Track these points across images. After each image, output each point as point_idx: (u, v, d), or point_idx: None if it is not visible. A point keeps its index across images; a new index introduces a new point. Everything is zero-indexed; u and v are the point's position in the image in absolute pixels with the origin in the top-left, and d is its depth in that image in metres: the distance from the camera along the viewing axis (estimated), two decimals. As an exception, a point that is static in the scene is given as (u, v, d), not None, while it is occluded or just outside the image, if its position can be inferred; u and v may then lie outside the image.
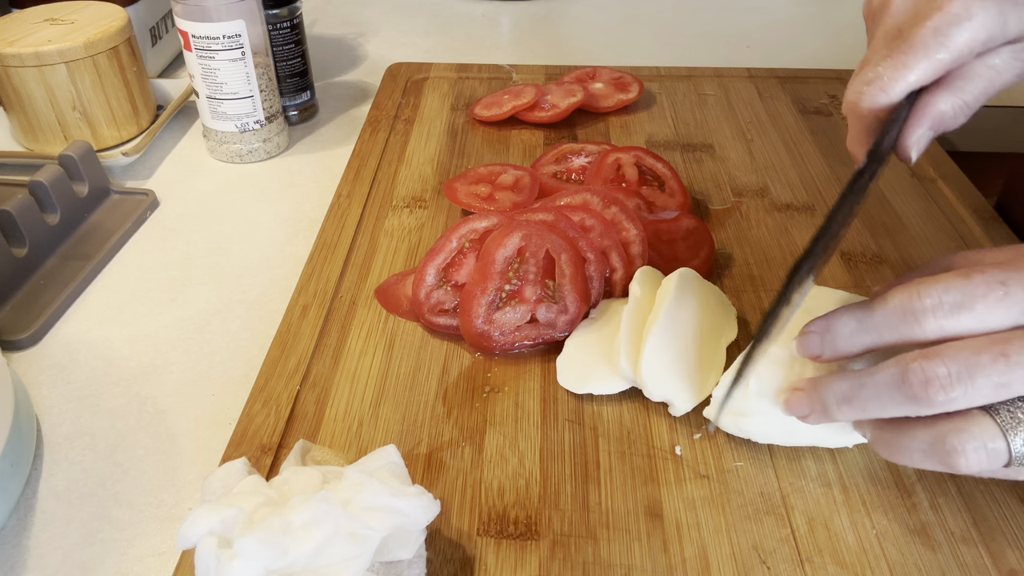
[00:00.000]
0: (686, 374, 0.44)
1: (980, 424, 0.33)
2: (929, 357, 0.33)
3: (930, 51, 0.38)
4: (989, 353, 0.32)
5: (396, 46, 0.92)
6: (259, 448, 0.43)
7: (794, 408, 0.38)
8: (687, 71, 0.80)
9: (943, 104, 0.40)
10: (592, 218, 0.51)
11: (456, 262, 0.51)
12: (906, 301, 0.34)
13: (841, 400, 0.36)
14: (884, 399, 0.34)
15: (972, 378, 0.32)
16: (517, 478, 0.41)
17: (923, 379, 0.33)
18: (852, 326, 0.36)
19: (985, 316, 0.33)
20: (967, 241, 0.57)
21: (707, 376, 0.45)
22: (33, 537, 0.41)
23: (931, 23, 0.38)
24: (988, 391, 0.32)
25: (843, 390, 0.36)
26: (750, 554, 0.38)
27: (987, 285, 0.33)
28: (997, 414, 0.33)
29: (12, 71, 0.63)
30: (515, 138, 0.70)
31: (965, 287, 0.33)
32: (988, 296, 0.33)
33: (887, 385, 0.34)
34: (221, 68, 0.65)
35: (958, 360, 0.32)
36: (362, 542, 0.32)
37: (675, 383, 0.43)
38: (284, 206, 0.65)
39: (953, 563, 0.37)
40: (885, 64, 0.39)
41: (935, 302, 0.34)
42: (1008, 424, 0.32)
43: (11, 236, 0.55)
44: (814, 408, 0.37)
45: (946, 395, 0.32)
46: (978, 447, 0.33)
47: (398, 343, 0.49)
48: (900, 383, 0.33)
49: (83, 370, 0.50)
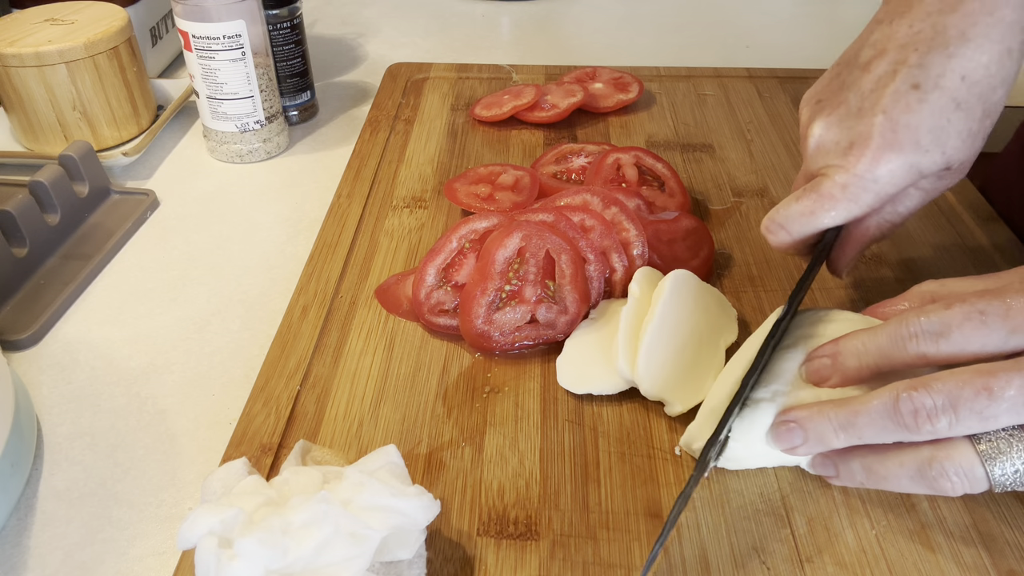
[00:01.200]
0: (681, 374, 0.44)
1: (961, 452, 0.34)
2: (917, 388, 0.34)
3: (838, 205, 0.41)
4: (972, 387, 0.33)
5: (396, 46, 0.92)
6: (259, 448, 0.43)
7: (785, 440, 0.38)
8: (687, 71, 0.80)
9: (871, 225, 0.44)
10: (592, 218, 0.51)
11: (456, 262, 0.51)
12: (894, 329, 0.36)
13: (839, 427, 0.36)
14: (878, 426, 0.35)
15: (956, 410, 0.33)
16: (517, 478, 0.41)
17: (911, 408, 0.34)
18: (859, 349, 0.37)
19: (962, 343, 0.35)
20: (967, 241, 0.57)
21: (703, 376, 0.45)
22: (33, 537, 0.41)
23: (840, 179, 0.40)
24: (973, 423, 0.33)
25: (839, 418, 0.36)
26: (750, 554, 0.38)
27: (964, 315, 0.35)
28: (979, 442, 0.34)
29: (12, 71, 0.63)
30: (515, 138, 0.70)
31: (943, 316, 0.35)
32: (964, 325, 0.34)
33: (880, 413, 0.35)
34: (221, 68, 0.65)
35: (943, 392, 0.34)
36: (362, 542, 0.32)
37: (670, 382, 0.43)
38: (284, 206, 0.65)
39: (953, 563, 0.37)
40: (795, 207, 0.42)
41: (916, 330, 0.35)
42: (988, 453, 0.34)
43: (11, 236, 0.55)
44: (808, 438, 0.37)
45: (932, 425, 0.34)
46: (959, 473, 0.34)
47: (398, 343, 0.49)
48: (892, 411, 0.35)
49: (83, 370, 0.50)
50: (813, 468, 0.40)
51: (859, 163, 0.39)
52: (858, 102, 0.40)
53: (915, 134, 0.39)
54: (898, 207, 0.43)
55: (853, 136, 0.40)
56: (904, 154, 0.39)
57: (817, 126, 0.42)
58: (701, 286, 0.49)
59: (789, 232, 0.42)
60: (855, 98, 0.41)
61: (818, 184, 0.41)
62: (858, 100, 0.40)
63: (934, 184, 0.43)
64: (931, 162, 0.39)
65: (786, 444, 0.38)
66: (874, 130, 0.39)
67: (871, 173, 0.39)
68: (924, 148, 0.39)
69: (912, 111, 0.39)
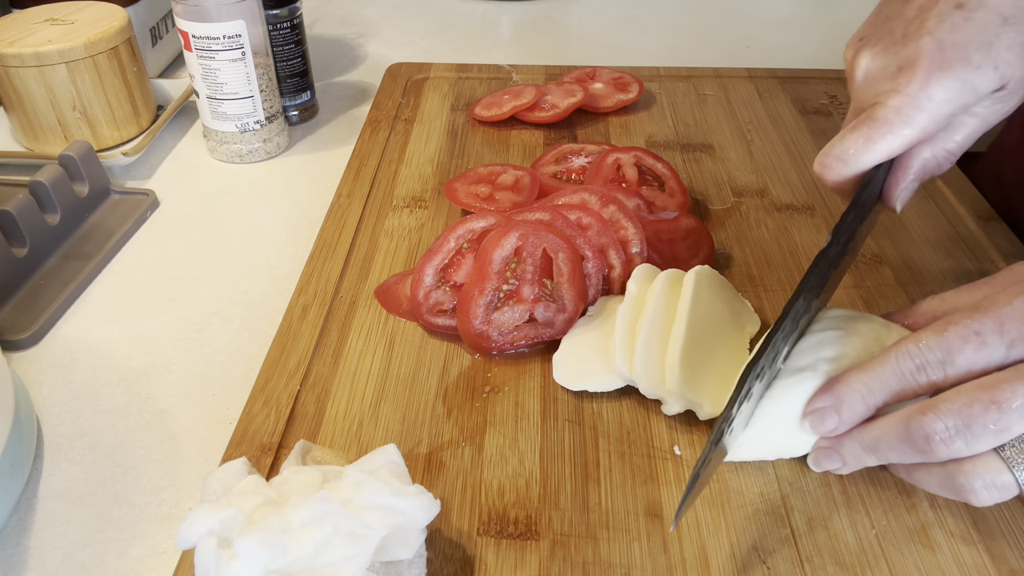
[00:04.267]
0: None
1: (986, 462, 0.34)
2: (926, 412, 0.35)
3: (895, 128, 0.39)
4: (980, 403, 0.33)
5: (396, 46, 0.92)
6: (259, 448, 0.43)
7: (825, 464, 0.39)
8: (687, 71, 0.80)
9: (927, 154, 0.42)
10: (589, 216, 0.51)
11: (454, 262, 0.51)
12: (898, 364, 0.37)
13: (867, 450, 0.37)
14: (899, 451, 0.36)
15: (969, 428, 0.34)
16: (517, 478, 0.41)
17: (924, 435, 0.34)
18: (862, 392, 0.38)
19: (967, 365, 0.35)
20: (967, 241, 0.57)
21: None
22: (33, 537, 0.41)
23: (893, 103, 0.39)
24: (989, 438, 0.34)
25: (864, 442, 0.37)
26: (750, 554, 0.38)
27: (962, 339, 0.35)
28: (1003, 450, 0.34)
29: (12, 71, 0.63)
30: (515, 138, 0.70)
31: (942, 344, 0.35)
32: (964, 349, 0.35)
33: (897, 439, 0.36)
34: (221, 68, 0.65)
35: (952, 413, 0.34)
36: (362, 541, 0.32)
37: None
38: (284, 206, 0.65)
39: (953, 563, 0.37)
40: (850, 139, 0.41)
41: (921, 362, 0.36)
42: (1014, 459, 0.34)
43: (11, 236, 0.55)
44: (846, 461, 0.38)
45: (948, 448, 0.34)
46: (987, 484, 0.34)
47: (398, 343, 0.49)
48: (906, 438, 0.35)
49: (83, 370, 0.50)
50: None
51: (911, 84, 0.38)
52: (902, 29, 0.40)
53: (964, 51, 0.38)
54: (954, 135, 0.42)
55: (901, 60, 0.39)
56: (955, 72, 0.38)
57: (863, 58, 0.41)
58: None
59: (846, 163, 0.41)
60: (899, 26, 0.40)
61: (872, 112, 0.40)
62: (902, 27, 0.40)
63: (990, 108, 0.41)
64: (984, 80, 0.38)
65: (828, 467, 0.39)
66: (922, 51, 0.38)
67: (924, 92, 0.38)
68: (975, 64, 0.38)
69: (958, 30, 0.38)
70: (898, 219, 0.59)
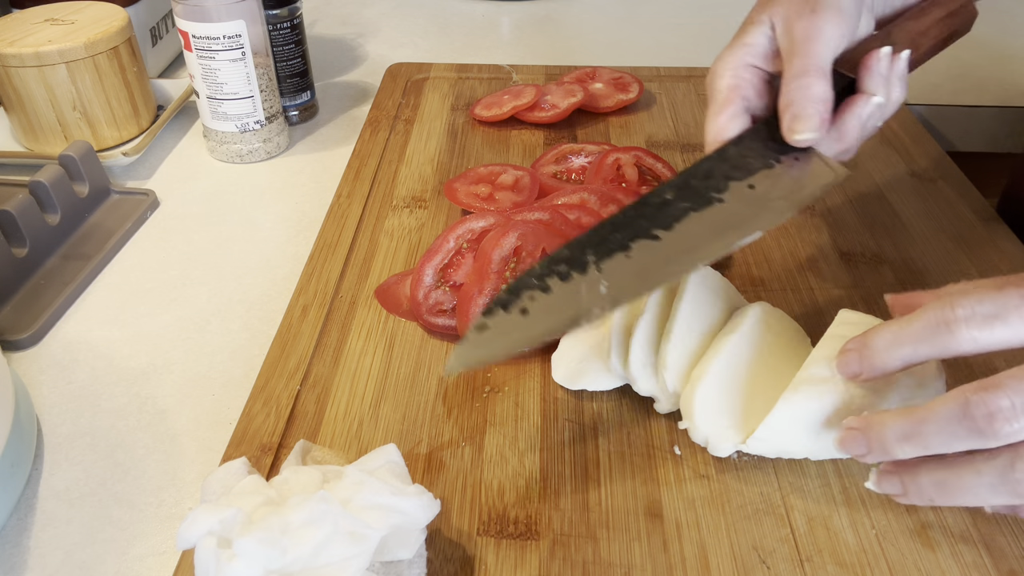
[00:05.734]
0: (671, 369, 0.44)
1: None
2: (989, 390, 0.32)
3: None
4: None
5: (396, 46, 0.92)
6: (259, 448, 0.43)
7: (851, 448, 0.36)
8: (687, 71, 0.80)
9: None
10: (589, 216, 0.51)
11: (454, 262, 0.51)
12: (939, 313, 0.34)
13: (901, 438, 0.34)
14: (947, 434, 0.33)
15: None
16: (517, 478, 0.41)
17: (986, 412, 0.32)
18: (888, 339, 0.36)
19: (1020, 327, 0.33)
20: (967, 241, 0.57)
21: None
22: (33, 537, 0.41)
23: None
24: None
25: (902, 428, 0.34)
26: (750, 554, 0.38)
27: (1021, 296, 0.32)
28: None
29: (12, 71, 0.64)
30: (515, 138, 0.70)
31: (998, 298, 0.33)
32: (1022, 307, 0.32)
33: (948, 420, 0.33)
34: (221, 68, 0.65)
35: (1020, 390, 0.31)
36: (361, 541, 0.32)
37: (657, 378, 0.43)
38: (284, 206, 0.65)
39: (953, 563, 0.37)
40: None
41: (968, 313, 0.33)
42: None
43: (11, 236, 0.55)
44: (872, 448, 0.35)
45: (1011, 427, 0.31)
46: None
47: (398, 343, 0.49)
48: (962, 417, 0.32)
49: (83, 370, 0.50)
50: (879, 487, 0.37)
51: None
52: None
53: None
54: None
55: None
56: None
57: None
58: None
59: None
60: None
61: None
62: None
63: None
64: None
65: (854, 452, 0.36)
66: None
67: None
68: None
69: None
70: (898, 219, 0.59)
